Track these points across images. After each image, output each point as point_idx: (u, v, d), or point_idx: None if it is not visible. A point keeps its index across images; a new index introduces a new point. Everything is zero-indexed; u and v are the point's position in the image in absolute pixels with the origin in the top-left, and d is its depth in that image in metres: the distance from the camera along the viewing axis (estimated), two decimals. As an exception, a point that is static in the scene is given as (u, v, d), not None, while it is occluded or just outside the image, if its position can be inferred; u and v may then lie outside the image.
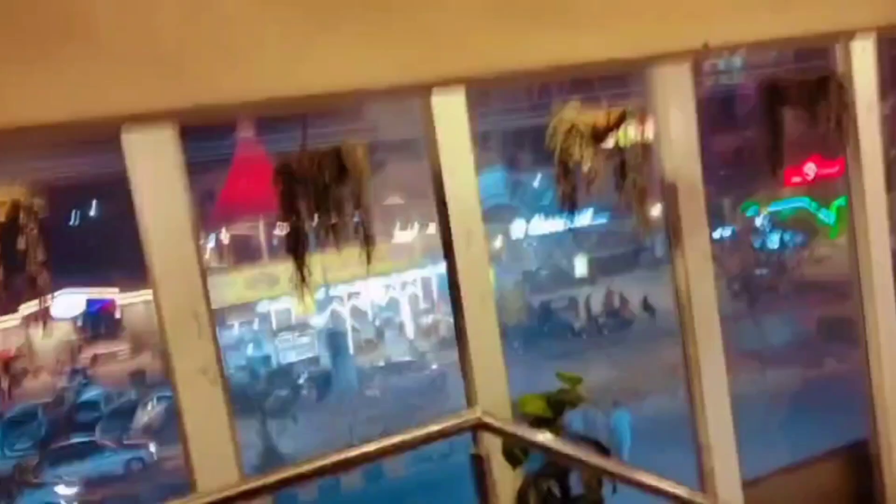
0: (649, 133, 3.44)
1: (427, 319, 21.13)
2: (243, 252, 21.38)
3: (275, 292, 18.90)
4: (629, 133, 3.31)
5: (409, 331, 21.10)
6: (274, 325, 20.08)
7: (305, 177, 2.85)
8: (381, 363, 19.25)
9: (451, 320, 3.55)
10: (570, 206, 3.43)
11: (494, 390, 3.34)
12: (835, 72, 3.76)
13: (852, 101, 3.73)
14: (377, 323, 21.23)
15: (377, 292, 21.14)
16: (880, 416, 4.47)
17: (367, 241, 3.07)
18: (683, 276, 3.82)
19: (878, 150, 4.26)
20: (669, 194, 3.74)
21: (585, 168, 3.23)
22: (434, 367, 18.08)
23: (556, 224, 26.25)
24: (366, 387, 18.06)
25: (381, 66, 2.00)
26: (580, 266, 25.76)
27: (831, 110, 3.66)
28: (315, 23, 1.88)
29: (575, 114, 3.25)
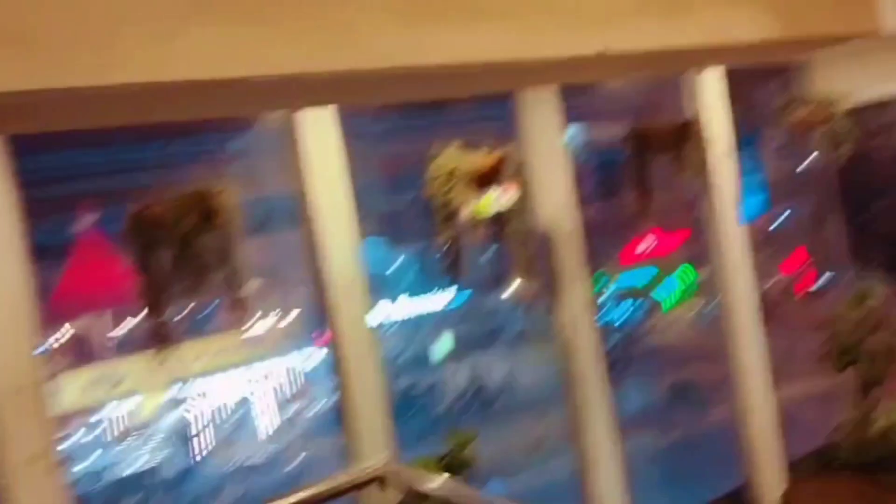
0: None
1: (290, 410, 20.19)
2: (82, 350, 19.74)
3: (119, 392, 17.44)
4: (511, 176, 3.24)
5: (270, 425, 20.05)
6: (118, 429, 18.46)
7: (162, 225, 2.54)
8: (240, 461, 18.05)
9: (315, 410, 3.31)
10: (453, 262, 3.28)
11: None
12: (696, 116, 3.92)
13: (708, 145, 3.86)
14: (234, 419, 20.03)
15: (233, 386, 20.01)
16: (756, 462, 4.57)
17: (238, 303, 2.76)
18: (565, 328, 3.74)
19: (735, 193, 4.47)
20: (546, 243, 3.70)
21: (467, 214, 3.10)
22: (299, 459, 17.16)
23: (419, 305, 26.30)
24: (223, 488, 16.80)
25: (258, 54, 1.79)
26: (442, 347, 25.85)
27: (694, 155, 3.78)
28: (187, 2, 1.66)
29: (456, 155, 3.15)
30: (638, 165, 3.84)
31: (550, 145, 3.71)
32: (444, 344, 26.11)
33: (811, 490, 4.50)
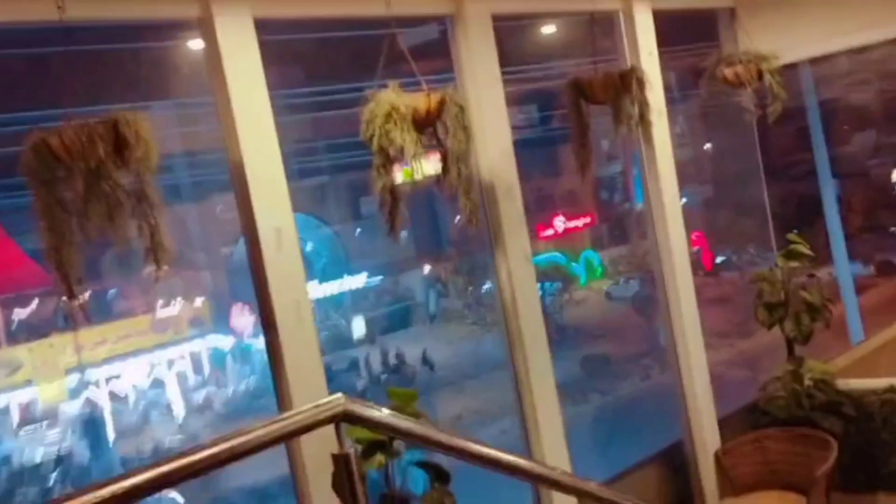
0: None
1: (199, 396, 19.50)
2: (-28, 337, 18.43)
3: (15, 380, 16.41)
4: (452, 120, 3.05)
5: (179, 410, 19.33)
6: (16, 419, 17.39)
7: (66, 158, 2.22)
8: (149, 448, 17.32)
9: (227, 393, 3.05)
10: (392, 211, 3.07)
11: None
12: (636, 66, 3.83)
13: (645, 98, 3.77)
14: (141, 405, 19.19)
15: (139, 371, 19.15)
16: (693, 419, 4.58)
17: (155, 247, 2.47)
18: (507, 279, 3.60)
19: (670, 151, 4.43)
20: (488, 193, 3.53)
21: (409, 155, 2.89)
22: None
23: (333, 286, 25.93)
24: (132, 476, 16.03)
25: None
26: (358, 327, 25.61)
27: (634, 105, 3.68)
28: None
29: (394, 96, 2.92)
30: (577, 116, 3.71)
31: (489, 93, 3.54)
32: (360, 323, 25.89)
33: (744, 445, 4.55)
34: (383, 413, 1.71)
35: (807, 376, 4.71)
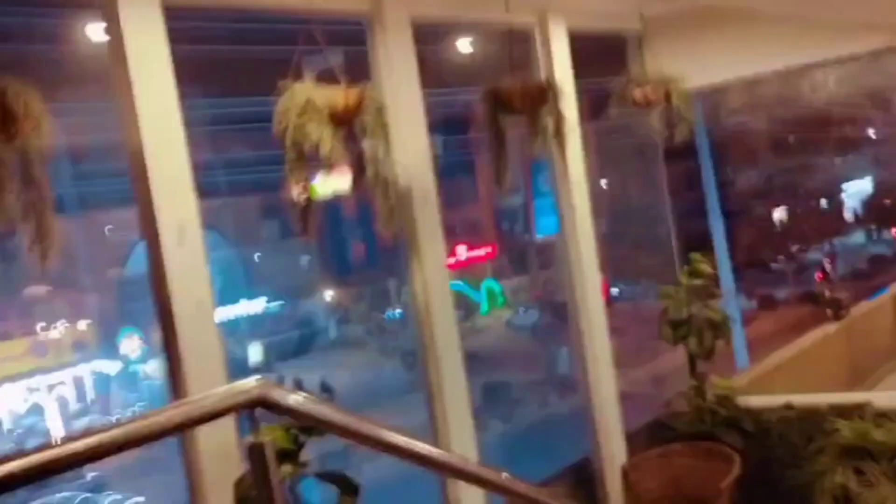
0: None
1: (81, 422, 18.38)
2: None
3: None
4: (371, 118, 2.94)
5: (59, 438, 18.07)
6: None
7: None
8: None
9: (111, 420, 2.79)
10: (304, 212, 2.92)
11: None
12: (552, 78, 3.84)
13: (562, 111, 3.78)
14: (16, 433, 17.87)
15: (16, 397, 17.87)
16: (601, 436, 4.58)
17: (42, 235, 2.24)
18: (422, 289, 3.50)
19: (583, 169, 4.46)
20: (404, 199, 3.43)
21: (325, 151, 2.76)
22: (92, 474, 15.59)
23: (229, 311, 25.10)
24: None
25: None
26: (254, 353, 24.87)
27: (550, 118, 3.68)
28: None
29: (311, 88, 2.80)
30: (493, 126, 3.68)
31: (407, 96, 3.46)
32: (257, 349, 25.14)
33: (650, 460, 4.58)
34: (307, 400, 1.55)
35: (710, 392, 4.81)
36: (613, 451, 4.55)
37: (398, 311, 28.51)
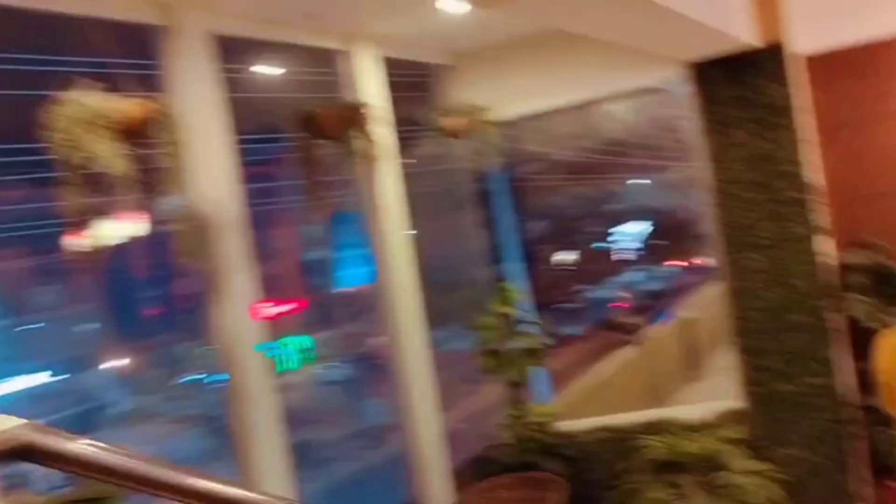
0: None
1: None
2: None
3: None
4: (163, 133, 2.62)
5: None
6: None
7: None
8: None
9: None
10: (88, 259, 2.52)
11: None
12: (365, 102, 3.71)
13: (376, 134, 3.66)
14: None
15: None
16: (424, 478, 4.41)
17: None
18: (229, 331, 3.15)
19: (400, 195, 4.33)
20: (205, 229, 3.09)
21: (106, 166, 2.41)
22: None
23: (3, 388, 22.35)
24: None
25: None
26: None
27: (364, 141, 3.54)
28: None
29: (89, 97, 2.44)
30: (307, 153, 3.48)
31: (205, 113, 3.15)
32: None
33: (477, 496, 4.46)
34: (83, 444, 1.19)
35: (529, 420, 4.81)
36: (438, 492, 4.38)
37: (201, 374, 26.86)
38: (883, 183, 4.67)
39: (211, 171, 3.11)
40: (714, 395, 5.09)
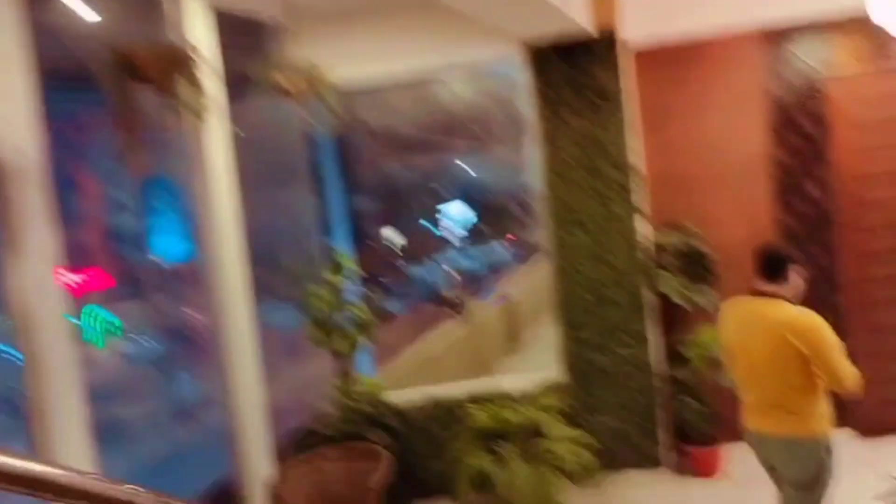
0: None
1: None
2: None
3: None
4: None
5: None
6: None
7: None
8: None
9: None
10: None
11: None
12: (192, 44, 3.40)
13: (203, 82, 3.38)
14: None
15: None
16: (244, 454, 4.20)
17: None
18: (23, 294, 2.78)
19: (229, 155, 4.05)
20: (-1, 176, 2.70)
21: None
22: None
23: None
24: None
25: None
26: None
27: (188, 91, 3.26)
28: None
29: None
30: (121, 96, 3.14)
31: (4, 47, 2.74)
32: None
33: (299, 470, 4.31)
34: None
35: (356, 391, 4.73)
36: (259, 467, 4.20)
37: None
38: (697, 170, 5.01)
39: (8, 114, 2.71)
40: (535, 366, 5.27)
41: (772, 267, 3.10)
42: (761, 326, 3.04)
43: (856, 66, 4.85)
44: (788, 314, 2.99)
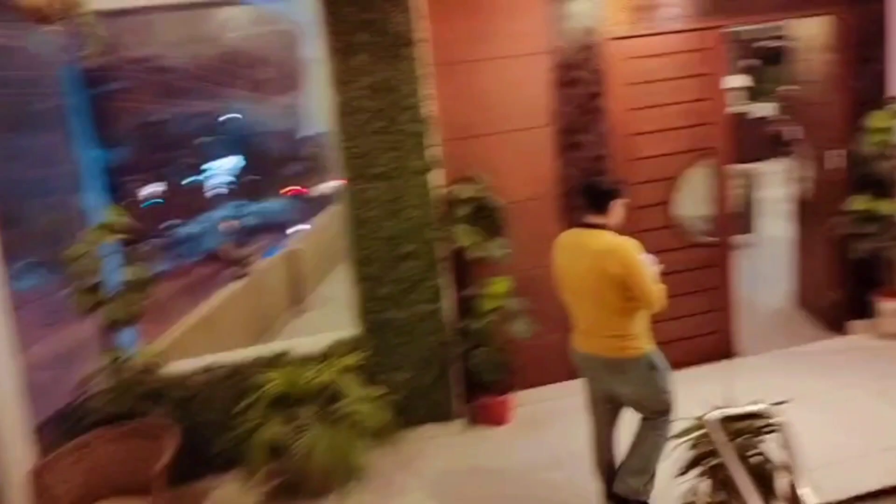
0: None
1: None
2: None
3: None
4: None
5: None
6: None
7: None
8: None
9: None
10: None
11: None
12: None
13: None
14: None
15: None
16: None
17: None
18: None
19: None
20: None
21: None
22: None
23: None
24: None
25: None
26: None
27: None
28: None
29: None
30: None
31: None
32: None
33: (66, 456, 3.78)
34: None
35: (130, 364, 4.24)
36: (16, 455, 3.63)
37: None
38: (487, 122, 5.01)
39: None
40: (328, 324, 5.06)
41: (595, 200, 3.34)
42: (583, 255, 3.31)
43: (628, 25, 5.08)
44: (607, 242, 3.26)
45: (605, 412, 3.63)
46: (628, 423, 3.61)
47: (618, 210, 3.37)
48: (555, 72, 5.04)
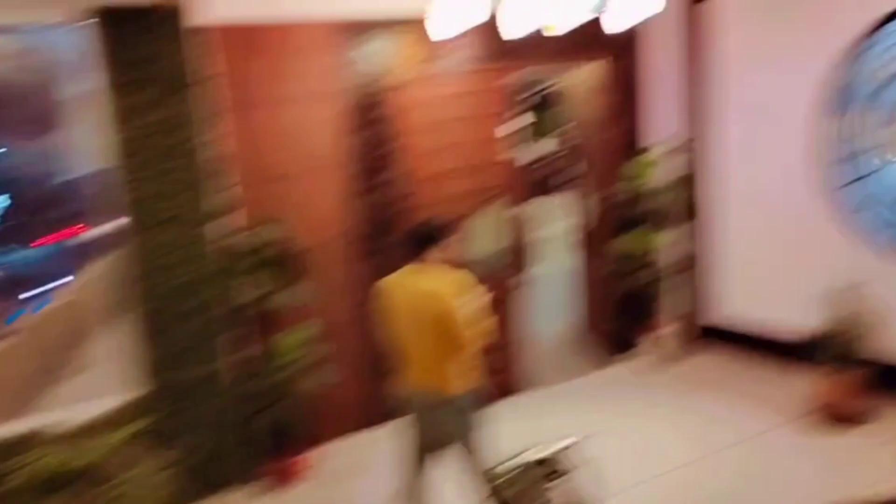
0: None
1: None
2: None
3: None
4: None
5: None
6: None
7: None
8: None
9: None
10: None
11: None
12: None
13: None
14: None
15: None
16: None
17: None
18: None
19: None
20: None
21: None
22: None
23: None
24: None
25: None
26: None
27: None
28: None
29: None
30: None
31: None
32: None
33: None
34: None
35: None
36: None
37: None
38: (286, 162, 4.78)
39: None
40: (105, 387, 4.54)
41: (419, 242, 3.40)
42: (405, 295, 3.39)
43: (416, 68, 5.11)
44: (432, 284, 3.31)
45: (422, 457, 3.56)
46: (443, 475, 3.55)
47: (442, 251, 3.40)
48: (351, 113, 4.94)
